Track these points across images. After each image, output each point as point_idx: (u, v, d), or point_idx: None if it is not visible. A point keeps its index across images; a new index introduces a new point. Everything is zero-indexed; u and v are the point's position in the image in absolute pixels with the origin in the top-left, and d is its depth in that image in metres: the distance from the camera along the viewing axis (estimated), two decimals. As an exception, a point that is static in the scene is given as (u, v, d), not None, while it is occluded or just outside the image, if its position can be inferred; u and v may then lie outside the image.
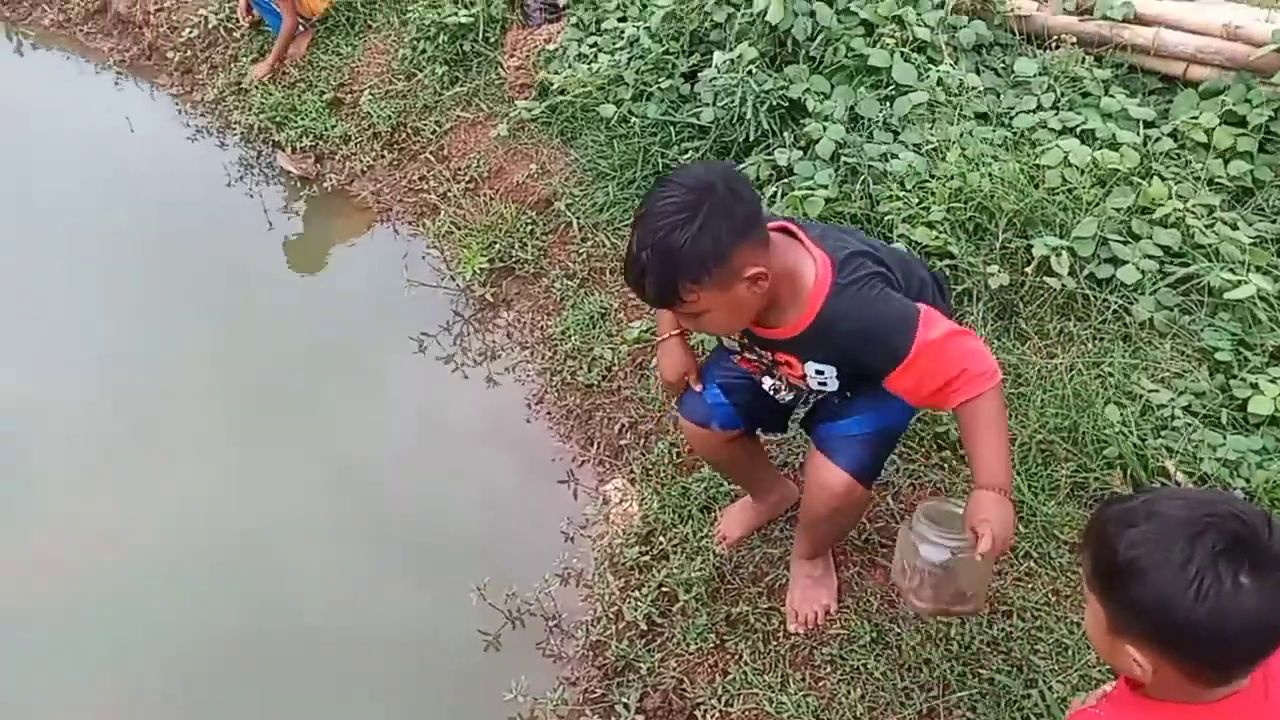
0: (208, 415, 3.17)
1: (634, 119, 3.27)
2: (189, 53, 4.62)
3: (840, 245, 1.66)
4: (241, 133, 4.25)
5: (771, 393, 1.88)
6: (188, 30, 4.62)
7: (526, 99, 3.69)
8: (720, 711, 2.05)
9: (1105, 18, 2.99)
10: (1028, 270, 2.52)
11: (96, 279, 3.68)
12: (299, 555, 2.75)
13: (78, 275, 3.72)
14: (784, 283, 1.61)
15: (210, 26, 4.56)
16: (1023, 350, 2.45)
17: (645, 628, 2.28)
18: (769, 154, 2.96)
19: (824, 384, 1.74)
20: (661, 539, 2.41)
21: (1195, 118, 2.76)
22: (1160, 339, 2.41)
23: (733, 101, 3.00)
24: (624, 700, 2.18)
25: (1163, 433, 2.19)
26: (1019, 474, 2.16)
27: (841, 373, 1.71)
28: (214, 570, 2.70)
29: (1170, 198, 2.57)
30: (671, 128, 3.20)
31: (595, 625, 2.35)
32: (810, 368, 1.72)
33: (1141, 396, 2.24)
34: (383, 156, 3.97)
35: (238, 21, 4.45)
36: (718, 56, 3.10)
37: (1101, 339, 2.42)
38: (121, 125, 4.45)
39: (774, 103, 2.97)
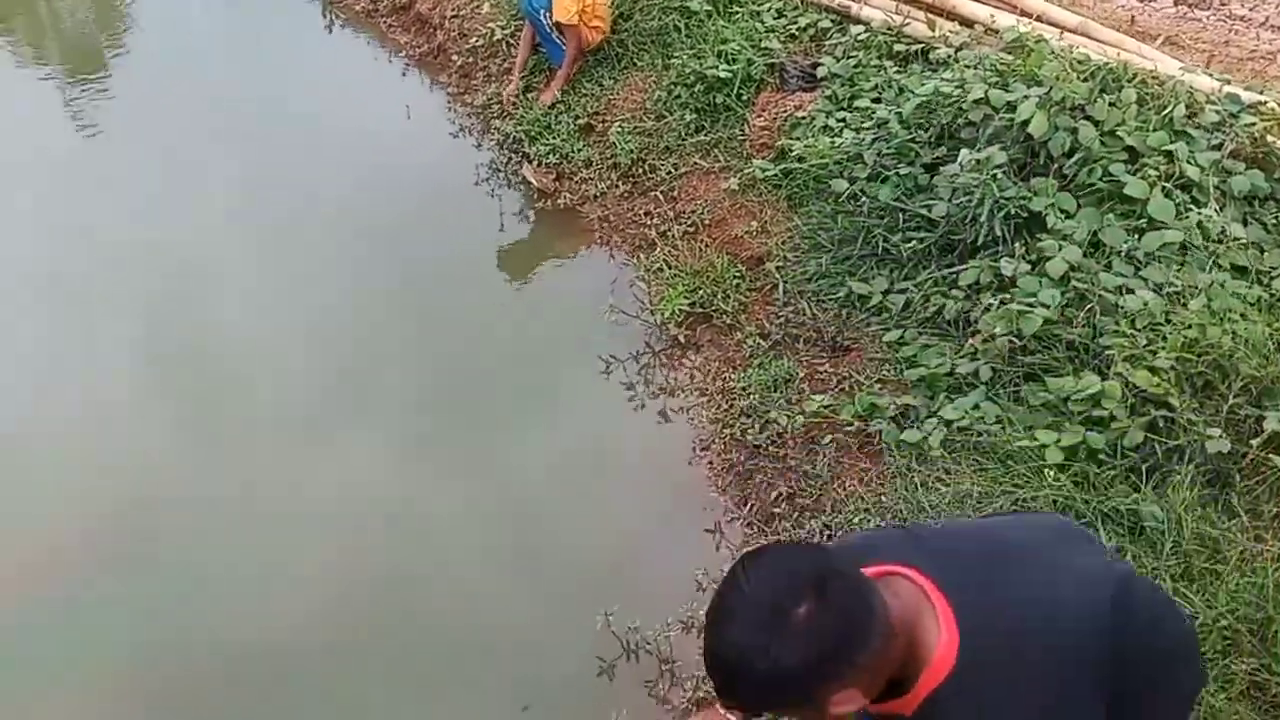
0: (390, 394, 3.48)
1: (864, 198, 3.31)
2: (471, 59, 5.08)
3: (989, 603, 1.30)
4: (498, 140, 4.62)
5: None
6: (474, 39, 5.09)
7: (764, 159, 3.82)
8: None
9: None
10: (1254, 442, 2.34)
11: (330, 244, 4.13)
12: (443, 546, 2.95)
13: (315, 236, 4.18)
14: (907, 657, 1.28)
15: (495, 39, 5.00)
16: (1228, 526, 2.27)
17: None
18: (995, 260, 2.92)
19: None
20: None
21: None
22: (1396, 553, 2.17)
23: (970, 201, 2.98)
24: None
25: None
26: (1212, 656, 2.00)
27: None
28: (362, 551, 2.94)
29: None
30: (900, 214, 3.21)
31: (706, 681, 2.37)
32: None
33: (1358, 609, 2.03)
34: (617, 186, 4.21)
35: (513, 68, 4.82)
36: (964, 154, 3.09)
37: (1324, 536, 2.22)
38: (400, 111, 4.97)
39: (1012, 210, 2.93)
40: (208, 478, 3.16)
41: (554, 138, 4.45)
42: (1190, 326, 2.54)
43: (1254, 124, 2.94)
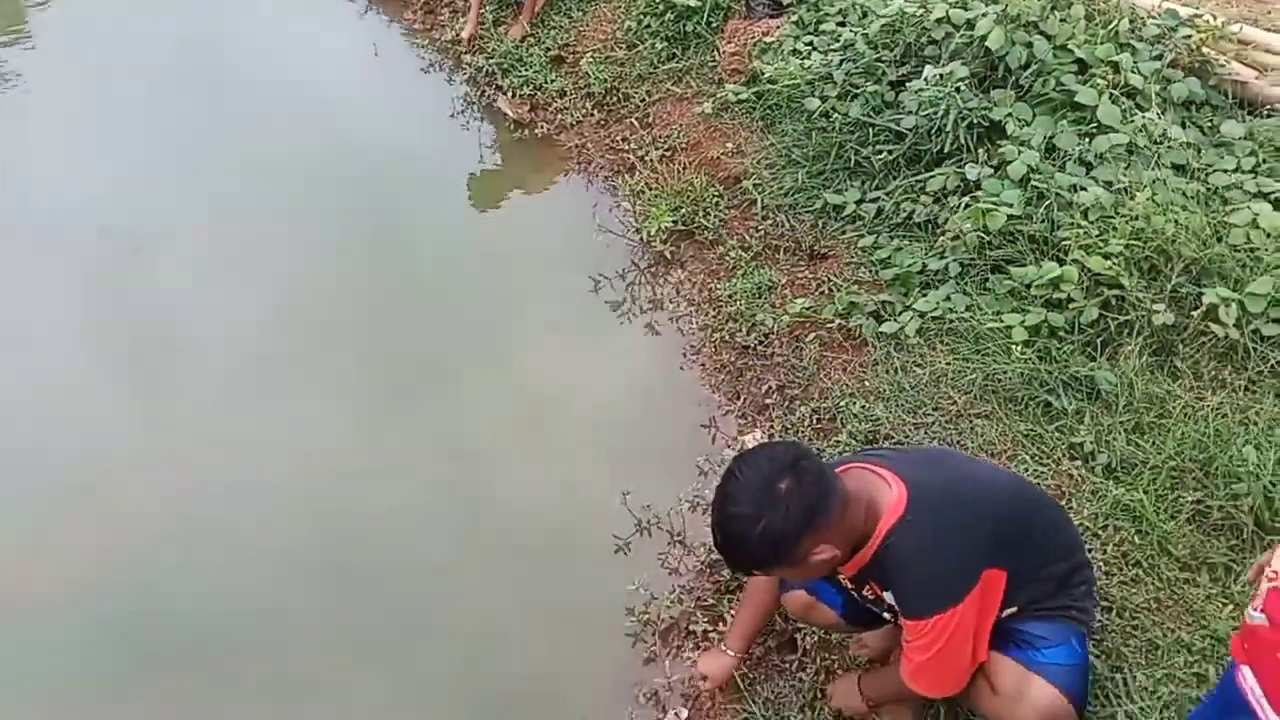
0: (393, 312, 3.66)
1: (836, 115, 3.55)
2: (435, -6, 5.18)
3: (931, 475, 1.78)
4: (470, 74, 4.75)
5: (887, 616, 1.92)
6: (438, -27, 5.19)
7: (736, 83, 4.03)
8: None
9: (1325, 96, 3.08)
10: (1194, 314, 2.66)
11: (311, 179, 4.24)
12: (468, 437, 3.16)
13: (285, 179, 4.27)
14: (865, 524, 1.73)
15: (458, -27, 5.11)
16: (1172, 386, 2.59)
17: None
18: (960, 166, 3.19)
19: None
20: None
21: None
22: (1316, 404, 2.51)
23: (935, 113, 3.24)
24: (733, 610, 2.46)
25: (1298, 485, 2.31)
26: (1146, 493, 2.33)
27: None
28: (405, 442, 3.15)
29: (1356, 275, 2.66)
30: (870, 129, 3.46)
31: (712, 551, 2.62)
32: (888, 596, 1.79)
33: (1283, 447, 2.36)
34: (592, 115, 4.38)
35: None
36: (929, 70, 3.35)
37: (1254, 390, 2.55)
38: (365, 50, 5.05)
39: (974, 120, 3.20)
40: (162, 434, 3.20)
41: (526, 70, 4.60)
42: (1137, 217, 2.84)
43: (1190, 36, 3.24)
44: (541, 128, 4.46)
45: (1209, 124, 3.19)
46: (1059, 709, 1.79)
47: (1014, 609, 1.85)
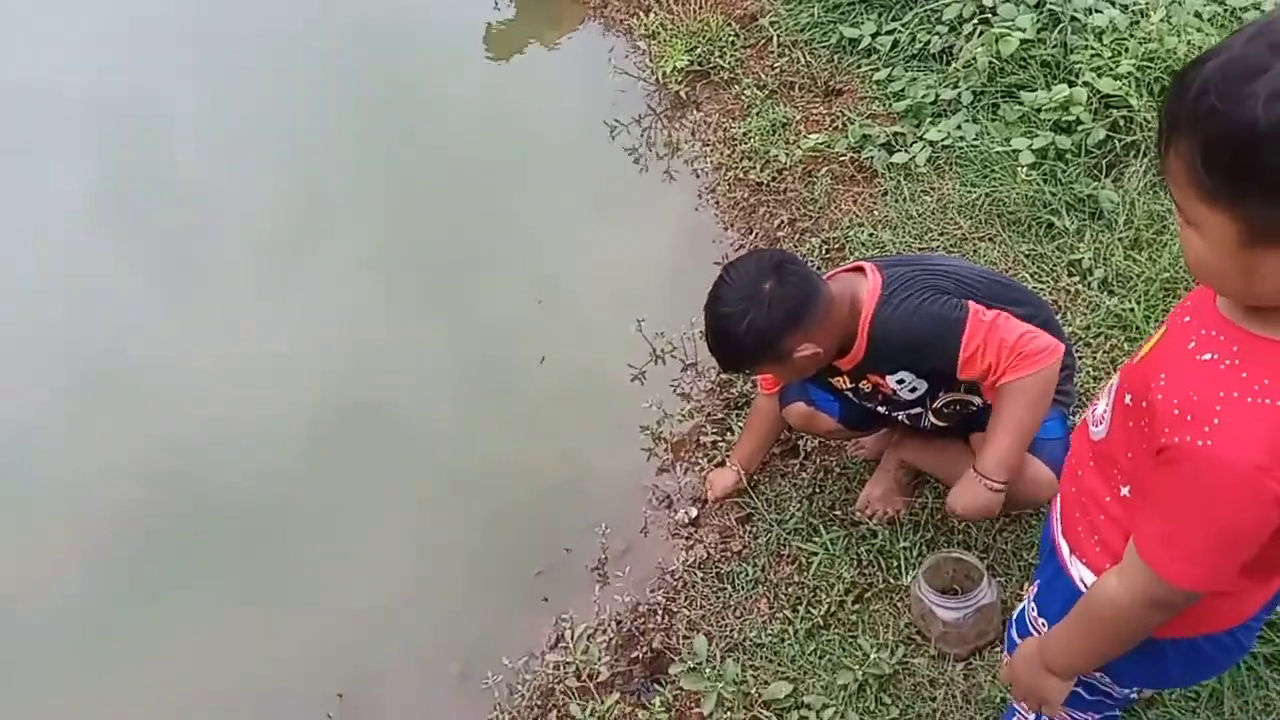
0: (414, 169, 3.77)
1: (853, -56, 3.53)
2: None
3: (904, 270, 1.88)
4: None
5: (882, 410, 2.09)
6: None
7: (753, -84, 3.98)
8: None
9: (1359, -94, 3.02)
10: (1200, 133, 2.71)
11: (323, 49, 4.28)
12: (487, 290, 3.32)
13: (302, 45, 4.31)
14: (849, 320, 1.87)
15: None
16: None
17: (769, 375, 2.73)
18: (975, -8, 3.19)
19: (914, 389, 1.95)
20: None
21: None
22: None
23: (952, -64, 3.22)
24: (738, 425, 2.65)
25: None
26: (1138, 303, 2.45)
27: (920, 375, 1.92)
28: (427, 305, 3.31)
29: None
30: (887, -42, 3.44)
31: (722, 374, 2.81)
32: (891, 380, 1.94)
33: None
34: (606, -43, 4.36)
35: None
36: (948, -107, 3.30)
37: (1255, 206, 2.62)
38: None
39: (991, -56, 3.18)
40: (174, 316, 3.30)
41: (538, -88, 4.55)
42: (1150, 39, 2.86)
43: None
44: (556, -28, 4.45)
45: (1234, -59, 3.14)
46: (1047, 479, 1.96)
47: None
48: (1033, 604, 1.35)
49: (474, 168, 3.78)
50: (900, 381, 1.95)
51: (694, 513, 2.52)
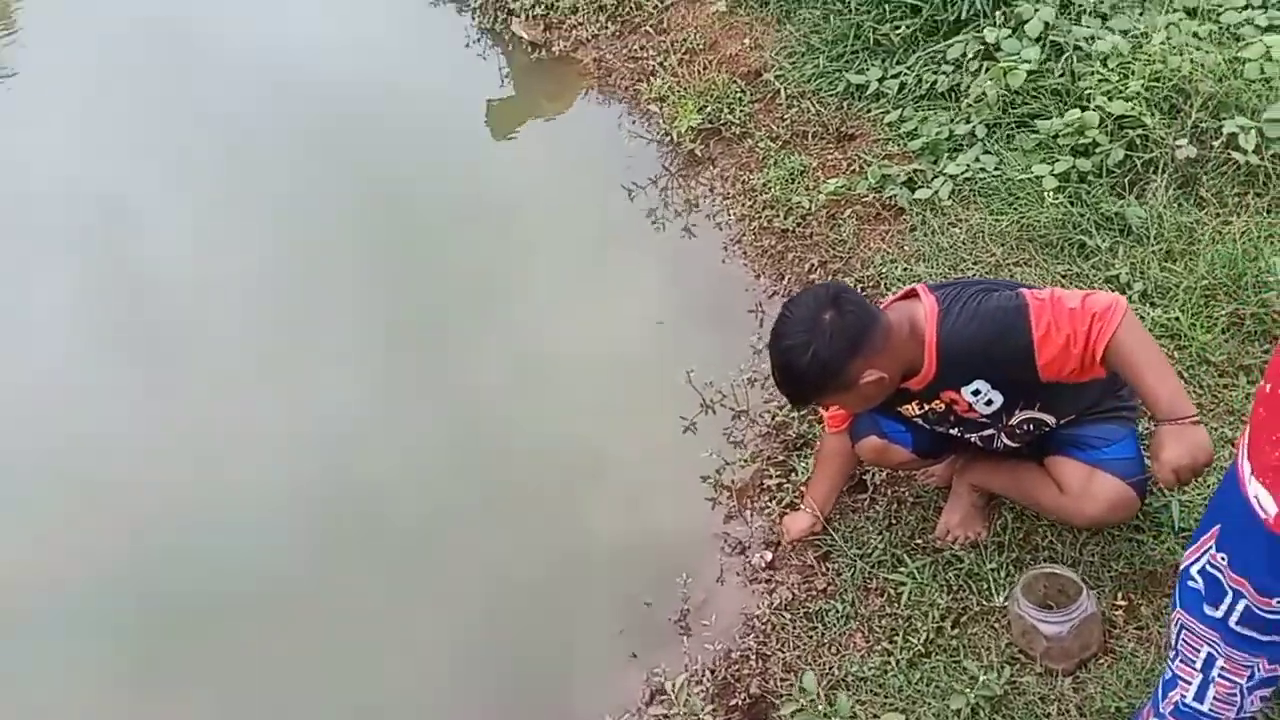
0: (444, 222, 3.87)
1: (851, -3, 3.69)
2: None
3: (953, 288, 1.97)
4: (480, 2, 4.88)
5: (958, 434, 2.14)
6: (435, -94, 5.27)
7: (746, -21, 4.15)
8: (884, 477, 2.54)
9: (1331, -76, 3.20)
10: (1214, 145, 2.83)
11: (332, 119, 4.39)
12: (530, 357, 3.36)
13: (303, 126, 4.40)
14: (911, 343, 1.93)
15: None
16: (1199, 215, 2.78)
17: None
18: (978, 32, 3.33)
19: (990, 401, 1.99)
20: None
21: None
22: (1338, 217, 2.69)
23: (948, -19, 3.38)
24: (801, 465, 2.69)
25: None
26: (1182, 311, 2.53)
27: (996, 384, 1.96)
28: (472, 374, 3.36)
29: (1370, 92, 2.81)
30: (886, 6, 3.60)
31: (781, 409, 2.86)
32: (966, 393, 1.98)
33: (1309, 256, 2.55)
34: (607, 27, 4.52)
35: None
36: (938, -59, 3.47)
37: (1276, 211, 2.73)
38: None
39: (988, -15, 3.34)
40: (161, 403, 3.26)
41: (535, -9, 4.73)
42: (1154, 60, 3.00)
43: (1193, -121, 3.35)
44: (558, 45, 4.60)
45: (1217, -35, 3.31)
46: (1125, 498, 2.02)
47: (1071, 415, 2.07)
48: (1213, 546, 1.43)
49: (492, 245, 3.83)
50: (976, 393, 1.99)
51: (769, 556, 2.55)
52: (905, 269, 3.02)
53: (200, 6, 5.26)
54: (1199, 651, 1.57)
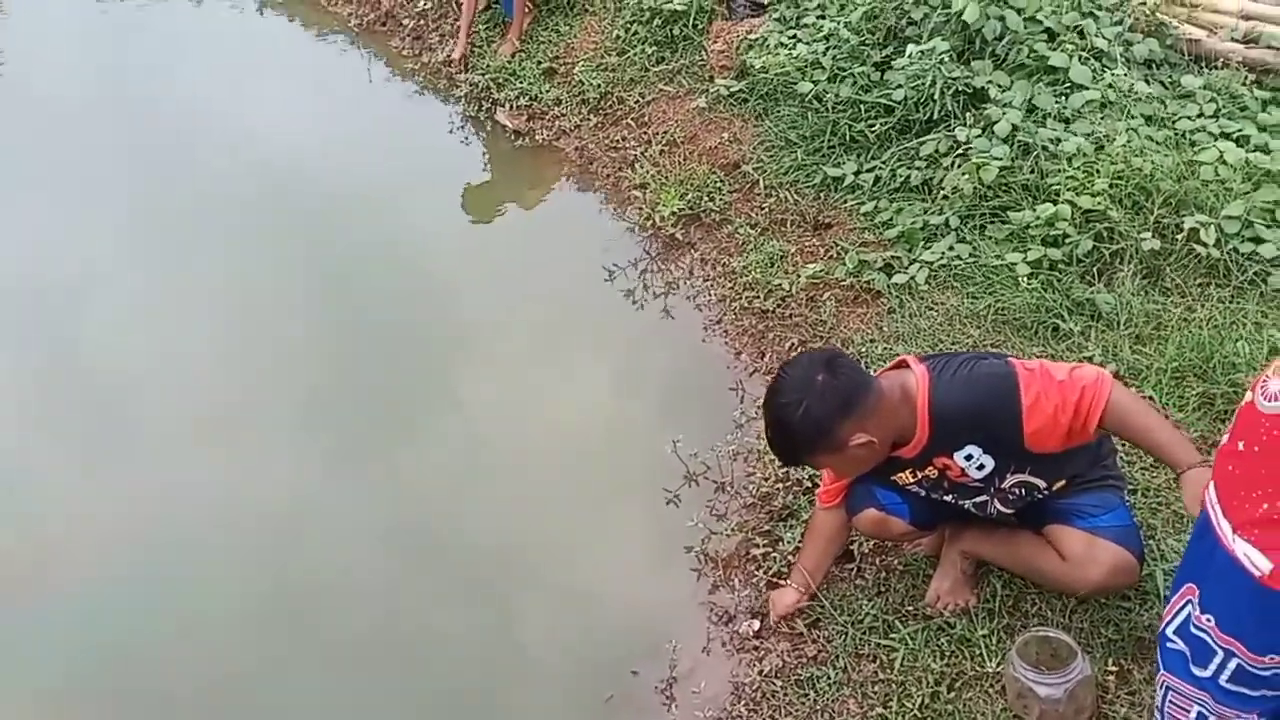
0: (419, 328, 3.91)
1: (828, 96, 3.90)
2: (422, 21, 5.50)
3: (942, 358, 2.06)
4: (466, 91, 5.06)
5: (952, 501, 2.17)
6: (423, 1, 5.51)
7: (726, 78, 4.37)
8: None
9: (1270, 47, 3.50)
10: (1177, 238, 3.01)
11: (305, 201, 4.46)
12: (512, 435, 3.39)
13: (292, 212, 4.46)
14: (903, 409, 2.00)
15: (444, -1, 5.44)
16: (1165, 302, 2.93)
17: (810, 486, 2.81)
18: (950, 131, 3.54)
19: (981, 466, 2.03)
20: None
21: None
22: (1294, 306, 2.86)
23: (922, 84, 3.60)
24: (788, 535, 2.71)
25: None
26: (1155, 390, 2.64)
27: (987, 449, 2.01)
28: (454, 455, 3.36)
29: (1315, 196, 3.03)
30: (861, 105, 3.81)
31: (766, 481, 2.89)
32: (959, 458, 2.02)
33: (1272, 339, 2.70)
34: (589, 119, 4.70)
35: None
36: (911, 48, 3.71)
37: (1239, 300, 2.89)
38: (357, 78, 5.34)
39: (959, 89, 3.56)
40: (108, 488, 3.22)
41: (521, 82, 4.91)
42: (1117, 161, 3.20)
43: (1145, 2, 3.66)
44: (542, 134, 4.76)
45: (1169, 79, 3.60)
46: (1127, 563, 2.07)
47: (1061, 483, 2.13)
48: (1195, 607, 1.46)
49: (474, 327, 3.89)
50: (968, 458, 2.04)
51: (756, 625, 2.53)
52: (885, 348, 3.11)
53: (180, 89, 5.39)
54: (1188, 712, 1.59)
